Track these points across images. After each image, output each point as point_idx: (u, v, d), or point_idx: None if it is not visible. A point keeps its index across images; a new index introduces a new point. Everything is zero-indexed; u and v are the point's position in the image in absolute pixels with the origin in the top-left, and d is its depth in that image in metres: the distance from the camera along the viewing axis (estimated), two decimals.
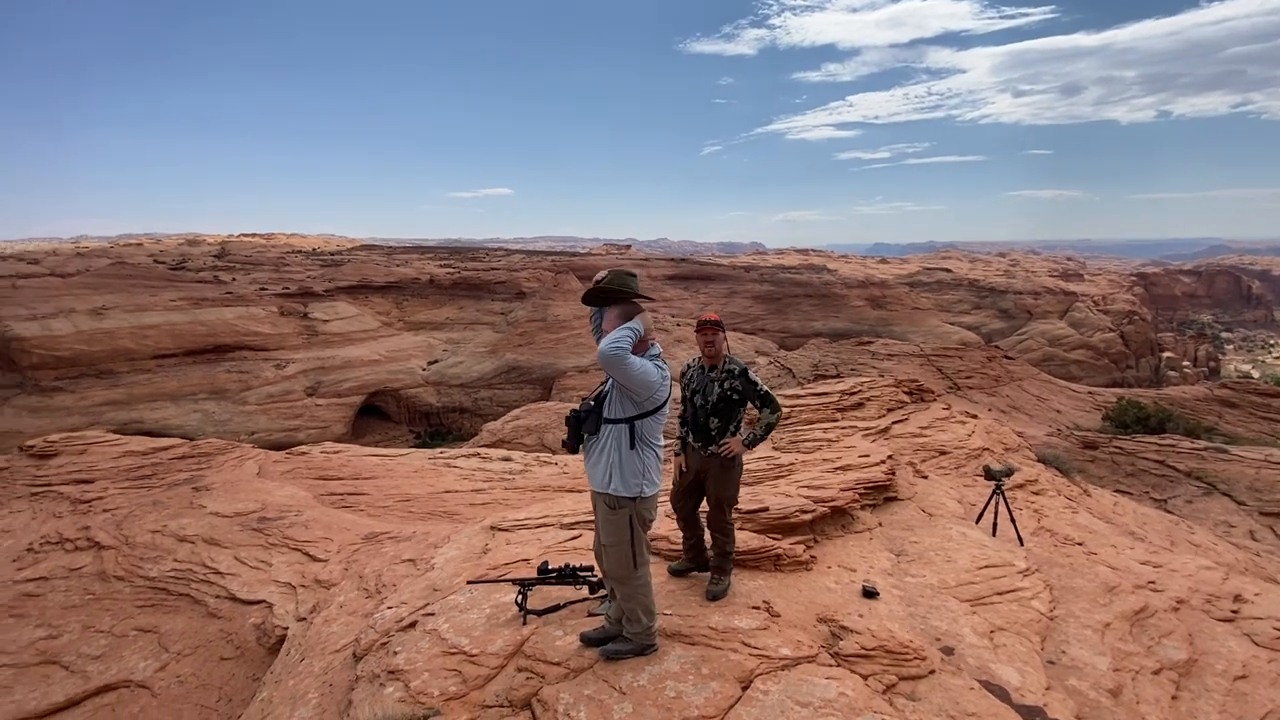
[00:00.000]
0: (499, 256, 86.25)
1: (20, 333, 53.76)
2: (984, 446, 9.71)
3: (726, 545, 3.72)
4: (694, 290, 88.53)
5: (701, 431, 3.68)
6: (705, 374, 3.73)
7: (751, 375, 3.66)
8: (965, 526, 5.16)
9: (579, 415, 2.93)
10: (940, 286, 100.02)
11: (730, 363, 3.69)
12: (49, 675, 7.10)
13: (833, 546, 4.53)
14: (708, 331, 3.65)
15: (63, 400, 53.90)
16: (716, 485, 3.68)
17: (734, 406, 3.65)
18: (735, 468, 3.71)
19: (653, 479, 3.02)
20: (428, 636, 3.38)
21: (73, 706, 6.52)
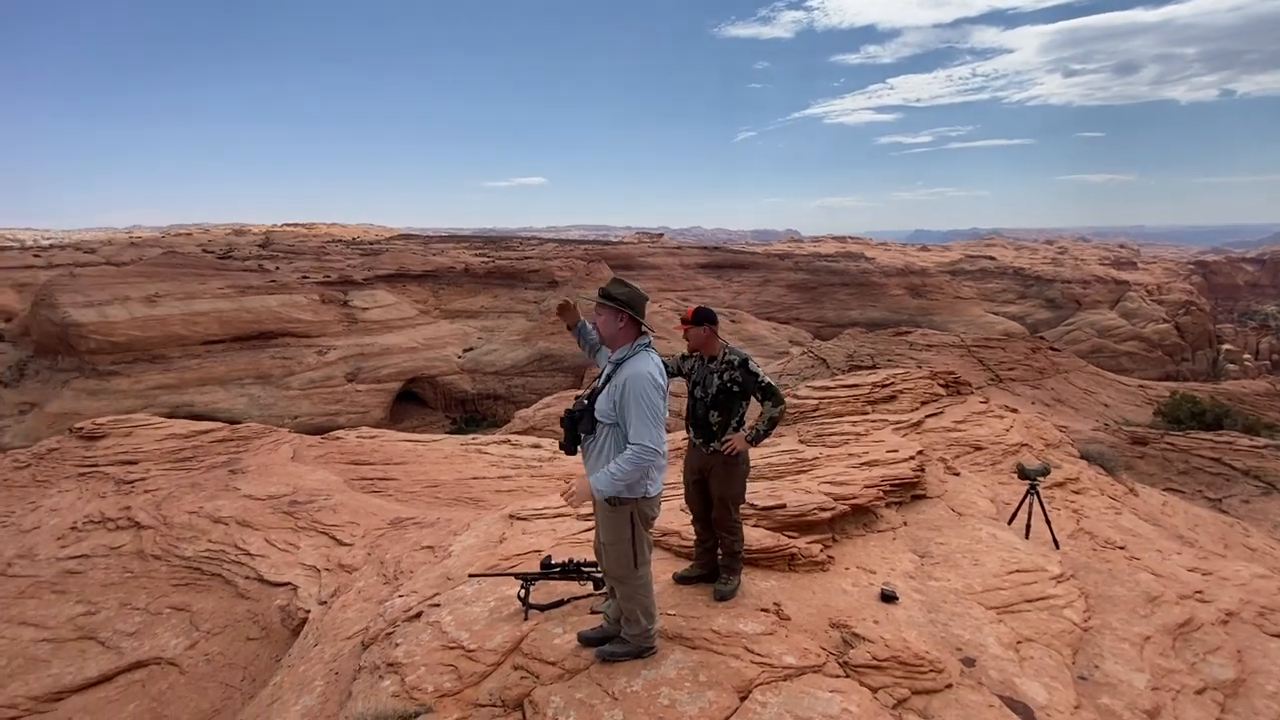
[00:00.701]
0: (532, 245, 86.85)
1: (78, 319, 56.41)
2: (1022, 442, 9.30)
3: (734, 545, 3.58)
4: (727, 279, 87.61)
5: (702, 426, 3.55)
6: (705, 365, 3.58)
7: (752, 366, 3.49)
8: (996, 527, 4.91)
9: (573, 415, 2.83)
10: (983, 275, 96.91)
11: (731, 353, 3.54)
12: (85, 650, 7.38)
13: (852, 546, 4.35)
14: (684, 326, 3.54)
15: (118, 384, 56.48)
16: (720, 483, 3.53)
17: (735, 399, 3.50)
18: (739, 465, 3.56)
19: (655, 478, 2.90)
20: (430, 629, 3.35)
21: (106, 682, 6.76)
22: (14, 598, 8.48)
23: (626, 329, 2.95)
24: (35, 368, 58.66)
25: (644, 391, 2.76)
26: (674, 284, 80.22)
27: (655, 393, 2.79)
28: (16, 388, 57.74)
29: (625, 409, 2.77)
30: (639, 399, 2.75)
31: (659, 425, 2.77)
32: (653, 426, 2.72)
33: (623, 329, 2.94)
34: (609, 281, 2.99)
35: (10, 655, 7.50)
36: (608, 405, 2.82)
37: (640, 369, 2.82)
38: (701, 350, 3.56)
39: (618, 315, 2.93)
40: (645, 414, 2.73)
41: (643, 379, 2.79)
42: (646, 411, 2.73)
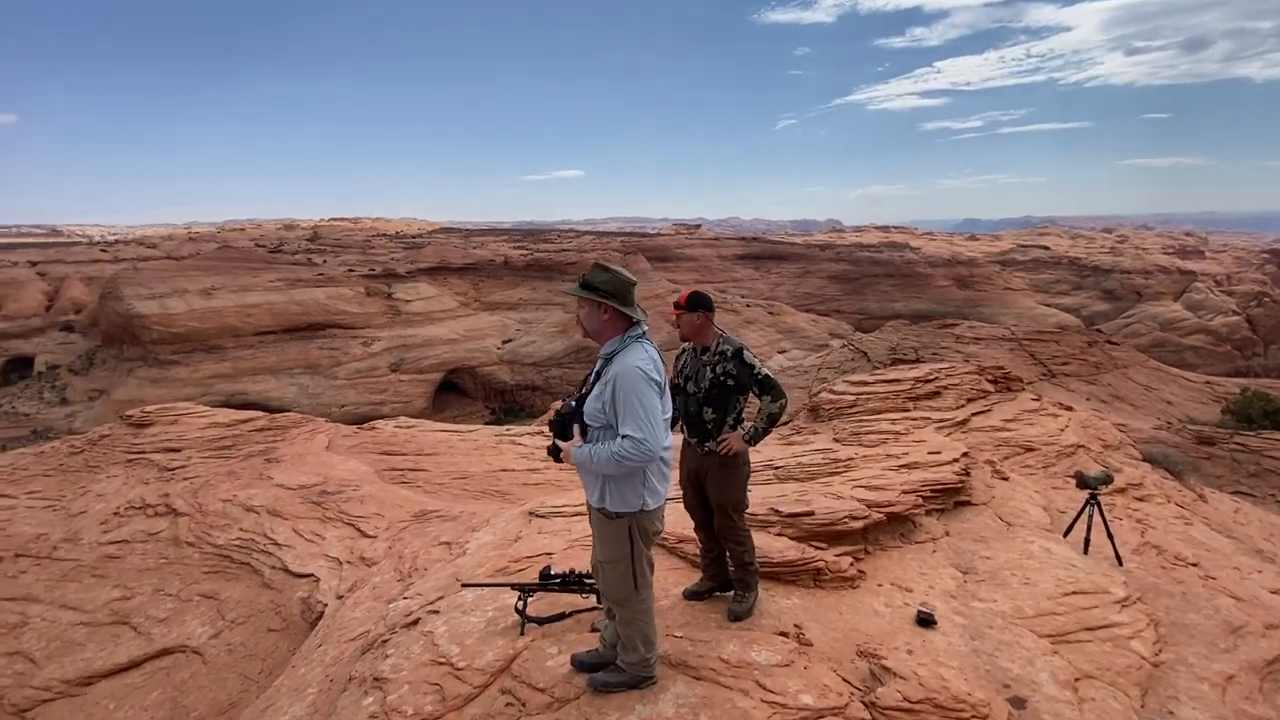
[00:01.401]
0: (569, 238, 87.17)
1: (141, 310, 59.24)
2: (1079, 443, 8.64)
3: (744, 555, 3.25)
4: (765, 270, 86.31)
5: (695, 425, 3.22)
6: (698, 357, 3.25)
7: (748, 356, 3.16)
8: (1050, 540, 4.44)
9: (562, 418, 2.53)
10: (1036, 265, 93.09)
11: (724, 343, 3.21)
12: (119, 635, 7.50)
13: (887, 560, 3.96)
14: (676, 312, 3.18)
15: (178, 373, 59.20)
16: (717, 488, 3.21)
17: (730, 394, 3.17)
18: (738, 467, 3.22)
19: (655, 488, 2.59)
20: (423, 640, 3.14)
21: (134, 668, 6.84)
22: (57, 581, 8.70)
23: (612, 321, 2.61)
24: (103, 357, 61.87)
25: (633, 386, 2.44)
26: (711, 275, 79.41)
27: (647, 387, 2.46)
28: (86, 376, 61.03)
29: (614, 408, 2.46)
30: (628, 394, 2.43)
31: (655, 422, 2.44)
32: (646, 422, 2.41)
33: (607, 321, 2.61)
34: (591, 267, 2.66)
35: (50, 637, 7.67)
36: (597, 406, 2.51)
37: (629, 362, 2.50)
38: (694, 340, 3.24)
39: (599, 307, 2.60)
40: (636, 410, 2.42)
41: (631, 373, 2.46)
42: (637, 407, 2.42)
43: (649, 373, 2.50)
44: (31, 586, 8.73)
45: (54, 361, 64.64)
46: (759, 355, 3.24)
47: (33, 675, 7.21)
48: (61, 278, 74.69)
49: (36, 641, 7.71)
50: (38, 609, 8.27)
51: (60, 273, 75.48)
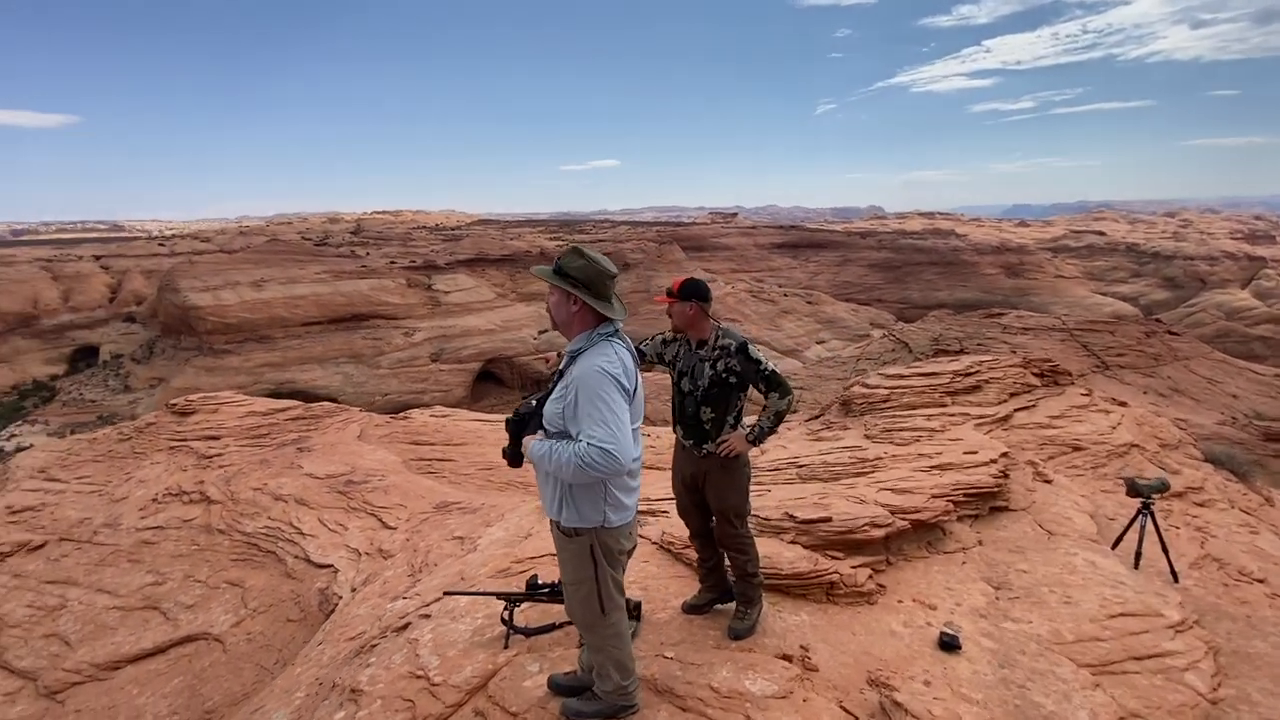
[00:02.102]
0: (605, 228, 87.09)
1: (197, 302, 61.82)
2: (1132, 442, 8.04)
3: (747, 564, 2.99)
4: (803, 259, 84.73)
5: (692, 426, 2.96)
6: (693, 351, 2.97)
7: (753, 351, 2.89)
8: (1096, 553, 4.04)
9: (520, 418, 2.29)
10: (1090, 252, 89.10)
11: (725, 336, 2.93)
12: (148, 620, 7.65)
13: (910, 572, 3.63)
14: (667, 300, 2.91)
15: (230, 361, 61.69)
16: (718, 493, 2.95)
17: (732, 392, 2.91)
18: (739, 469, 2.97)
19: (619, 502, 2.32)
20: (406, 648, 2.99)
21: (159, 654, 6.96)
22: (95, 565, 8.95)
23: (582, 314, 2.32)
24: (162, 346, 64.82)
25: (597, 387, 2.15)
26: (747, 265, 78.36)
27: (611, 389, 2.17)
28: (147, 364, 64.03)
29: (575, 413, 2.18)
30: (591, 397, 2.15)
31: (622, 428, 2.15)
32: (612, 428, 2.11)
33: (577, 314, 2.33)
34: (566, 251, 2.38)
35: (85, 620, 7.88)
36: (556, 410, 2.23)
37: (593, 362, 2.22)
38: (688, 332, 2.96)
39: (569, 297, 2.31)
40: (601, 413, 2.13)
41: (594, 374, 2.18)
42: (603, 411, 2.13)
43: (617, 376, 2.21)
44: (72, 570, 8.98)
45: (117, 351, 68.01)
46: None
47: (66, 658, 7.40)
48: (123, 271, 78.41)
49: (72, 624, 7.91)
50: (76, 592, 8.50)
51: (122, 266, 79.23)
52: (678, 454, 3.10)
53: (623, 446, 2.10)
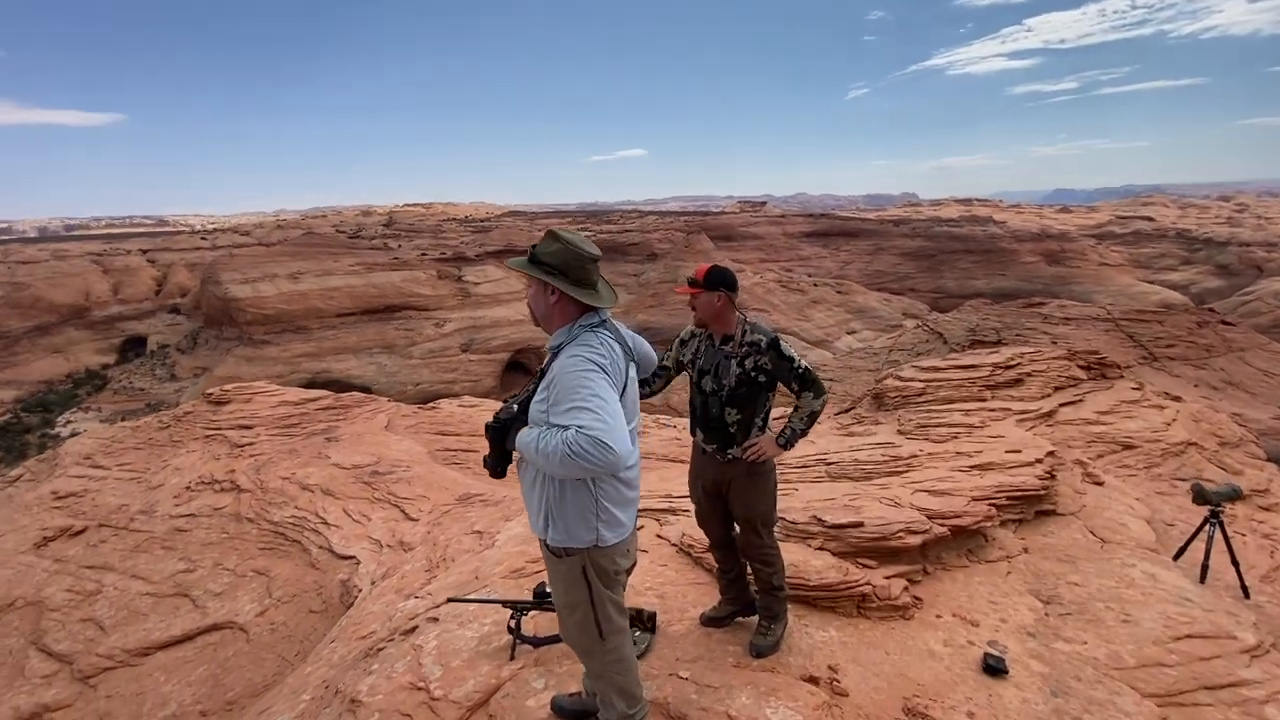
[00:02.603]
0: (633, 218, 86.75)
1: (237, 294, 63.64)
2: (1189, 440, 7.54)
3: (772, 577, 2.76)
4: (834, 247, 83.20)
5: (716, 428, 2.71)
6: (716, 347, 2.72)
7: (785, 348, 2.64)
8: (1156, 564, 3.70)
9: (501, 425, 2.01)
10: (1137, 238, 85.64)
11: (754, 331, 2.67)
12: (178, 607, 7.75)
13: (950, 583, 3.36)
14: (691, 290, 2.66)
15: (269, 352, 63.44)
16: (742, 501, 2.71)
17: (760, 392, 2.67)
18: (766, 474, 2.72)
19: (613, 518, 2.06)
20: (410, 655, 2.85)
21: (187, 641, 7.04)
22: (131, 551, 9.12)
23: (562, 305, 2.09)
24: (205, 337, 66.95)
25: (578, 374, 1.88)
26: (776, 254, 77.28)
27: (596, 378, 1.89)
28: (191, 354, 66.24)
29: (558, 410, 1.90)
30: (571, 387, 1.87)
31: (614, 418, 1.83)
32: (602, 415, 1.80)
33: (556, 305, 2.09)
34: (543, 236, 2.13)
35: (119, 606, 8.02)
36: (540, 410, 1.97)
37: (573, 353, 1.97)
38: (712, 326, 2.70)
39: (546, 288, 2.08)
40: (586, 400, 1.83)
41: (572, 363, 1.93)
42: (588, 398, 1.83)
43: (603, 365, 1.95)
44: (109, 556, 9.15)
45: (164, 341, 70.48)
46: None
47: (100, 642, 7.52)
48: (169, 264, 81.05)
49: (107, 609, 8.05)
50: (112, 577, 8.65)
51: (167, 260, 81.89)
52: (697, 459, 2.86)
53: (617, 437, 1.79)
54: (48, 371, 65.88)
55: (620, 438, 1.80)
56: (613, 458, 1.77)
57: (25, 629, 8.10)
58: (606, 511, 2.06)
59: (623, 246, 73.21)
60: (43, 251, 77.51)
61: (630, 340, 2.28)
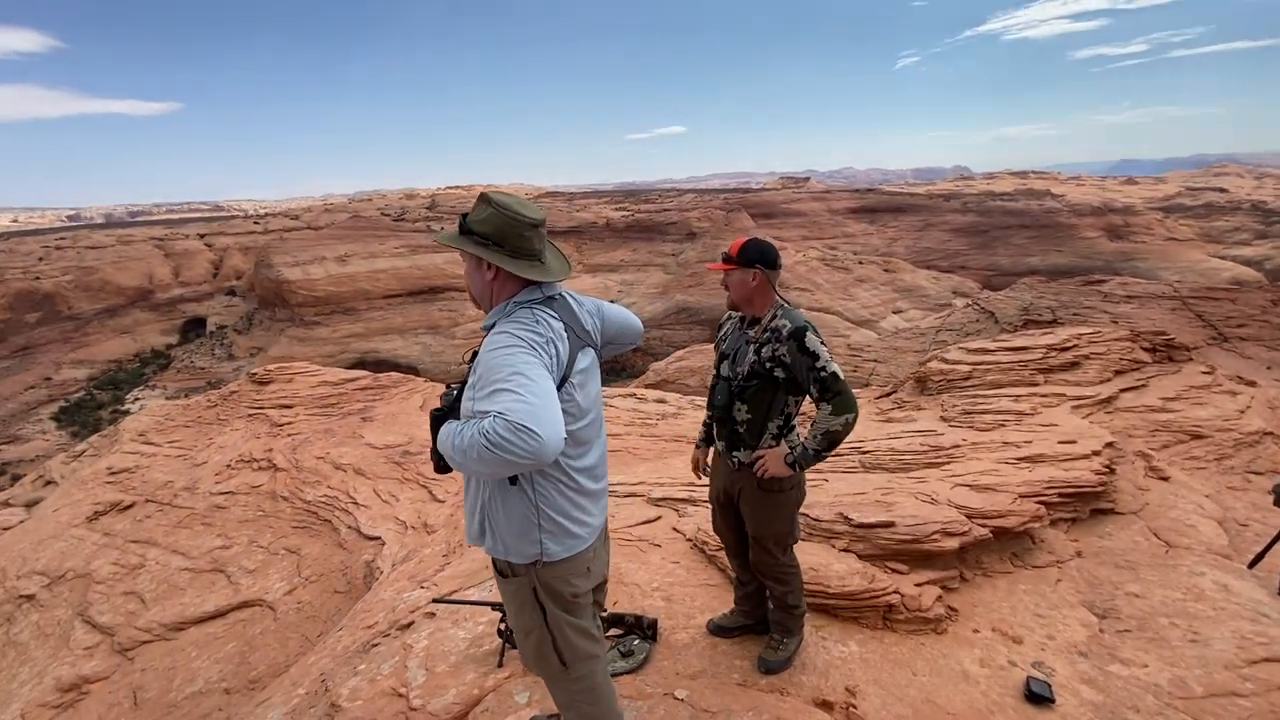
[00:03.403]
0: (671, 197, 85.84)
1: (288, 276, 65.85)
2: (1265, 429, 6.88)
3: (787, 596, 2.47)
4: (881, 224, 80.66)
5: (724, 423, 2.38)
6: (741, 330, 2.39)
7: (811, 341, 2.20)
8: (1228, 573, 3.29)
9: (442, 413, 1.69)
10: (1209, 211, 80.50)
11: (780, 315, 2.28)
12: (214, 582, 7.93)
13: (990, 591, 3.03)
14: (723, 266, 2.30)
15: (319, 332, 65.62)
16: (753, 516, 2.40)
17: (775, 389, 2.28)
18: (782, 491, 2.35)
19: (562, 527, 1.75)
20: (398, 655, 2.70)
21: (219, 617, 7.19)
22: (173, 526, 9.39)
23: (502, 283, 1.76)
24: (259, 318, 69.63)
25: (499, 354, 1.57)
26: (820, 231, 75.39)
27: (515, 353, 1.57)
28: (247, 334, 69.04)
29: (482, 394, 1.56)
30: (491, 367, 1.56)
31: (542, 401, 1.48)
32: (525, 396, 1.47)
33: (495, 283, 1.77)
34: (475, 201, 1.80)
35: (160, 580, 8.26)
36: (468, 400, 1.63)
37: (499, 329, 1.66)
38: (744, 309, 2.35)
39: (480, 264, 1.76)
40: (507, 379, 1.51)
41: (494, 342, 1.61)
42: (509, 376, 1.51)
43: (532, 342, 1.62)
44: (153, 531, 9.44)
45: (221, 322, 73.64)
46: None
47: (140, 615, 7.74)
48: (224, 248, 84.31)
49: (149, 583, 8.29)
50: (154, 552, 8.91)
51: (223, 244, 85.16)
52: (715, 458, 2.56)
53: (544, 422, 1.45)
54: (116, 351, 69.64)
55: (547, 420, 1.46)
56: (535, 445, 1.42)
57: (74, 600, 8.42)
58: (550, 520, 1.73)
59: (661, 226, 72.59)
60: (109, 237, 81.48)
61: (593, 317, 1.93)
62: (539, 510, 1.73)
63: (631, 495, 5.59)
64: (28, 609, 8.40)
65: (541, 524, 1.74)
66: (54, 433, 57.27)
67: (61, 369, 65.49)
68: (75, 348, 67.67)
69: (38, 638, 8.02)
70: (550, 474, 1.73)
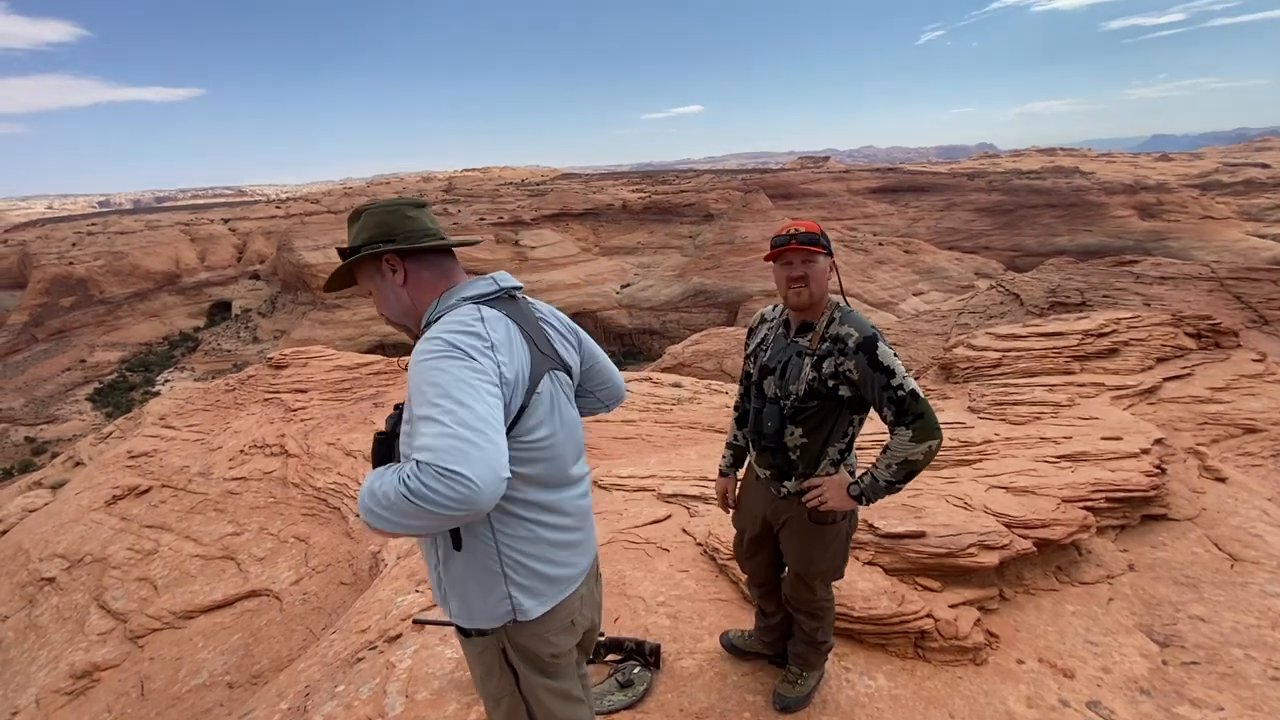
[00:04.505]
0: (688, 178, 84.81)
1: (310, 260, 66.57)
2: None
3: (816, 631, 2.16)
4: (902, 204, 79.00)
5: (773, 449, 1.97)
6: (788, 337, 1.96)
7: (883, 354, 1.79)
8: None
9: (384, 439, 1.34)
10: (1248, 188, 77.67)
11: (844, 321, 1.86)
12: (224, 570, 7.87)
13: (1033, 614, 2.71)
14: (792, 252, 1.81)
15: (341, 315, 66.36)
16: (801, 553, 2.04)
17: (840, 410, 1.89)
18: (836, 524, 2.00)
19: (539, 575, 1.41)
20: (380, 675, 2.48)
21: (227, 606, 7.11)
22: (186, 512, 9.35)
23: (416, 281, 1.44)
24: (283, 301, 70.67)
25: (427, 367, 1.23)
26: (840, 212, 74.01)
27: (444, 365, 1.22)
28: (271, 318, 70.08)
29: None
30: (416, 386, 1.23)
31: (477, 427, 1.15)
32: (446, 430, 1.15)
33: (408, 284, 1.44)
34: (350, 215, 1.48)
35: (172, 566, 8.22)
36: (405, 430, 1.29)
37: (429, 335, 1.30)
38: (798, 308, 1.89)
39: (381, 272, 1.44)
40: (433, 405, 1.18)
41: (420, 352, 1.26)
42: (433, 405, 1.18)
43: (469, 348, 1.25)
44: (167, 516, 9.41)
45: (246, 305, 74.87)
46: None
47: (151, 602, 7.70)
48: (247, 233, 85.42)
49: (161, 569, 8.25)
50: (168, 538, 8.88)
51: (246, 228, 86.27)
52: (749, 480, 2.17)
53: (476, 461, 1.12)
54: (146, 334, 71.18)
55: (481, 459, 1.12)
56: (466, 493, 1.09)
57: (90, 585, 8.42)
58: (522, 569, 1.39)
59: (678, 207, 71.89)
60: (137, 222, 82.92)
61: (566, 338, 1.58)
62: (503, 558, 1.38)
63: (642, 489, 5.33)
64: (49, 592, 8.43)
65: (509, 574, 1.39)
66: (90, 413, 58.83)
67: (95, 351, 67.12)
68: (108, 331, 69.26)
69: (56, 621, 8.03)
70: (514, 512, 1.39)
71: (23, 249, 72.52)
